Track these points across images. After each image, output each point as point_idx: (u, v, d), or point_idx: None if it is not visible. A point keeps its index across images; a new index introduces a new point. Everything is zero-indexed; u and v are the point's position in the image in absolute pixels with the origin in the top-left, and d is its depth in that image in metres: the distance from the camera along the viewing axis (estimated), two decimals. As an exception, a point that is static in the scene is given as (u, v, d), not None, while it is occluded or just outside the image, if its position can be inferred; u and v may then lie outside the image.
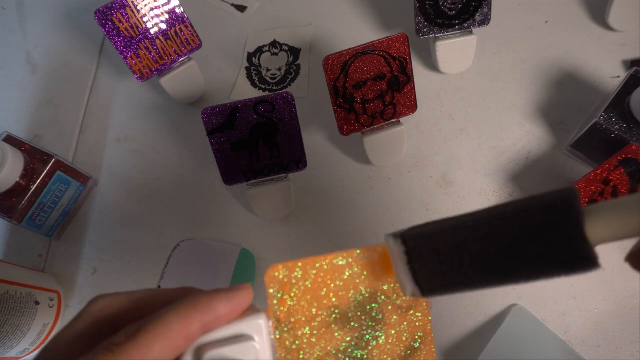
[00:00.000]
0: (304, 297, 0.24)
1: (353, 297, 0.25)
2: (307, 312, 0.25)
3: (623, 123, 0.43)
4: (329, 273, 0.25)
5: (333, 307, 0.25)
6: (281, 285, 0.24)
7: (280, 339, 0.24)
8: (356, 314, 0.25)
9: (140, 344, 0.20)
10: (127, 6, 0.48)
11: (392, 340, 0.26)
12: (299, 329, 0.24)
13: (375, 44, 0.44)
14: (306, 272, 0.25)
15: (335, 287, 0.25)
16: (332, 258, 0.25)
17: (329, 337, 0.25)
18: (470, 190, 0.49)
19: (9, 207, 0.45)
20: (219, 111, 0.43)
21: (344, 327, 0.25)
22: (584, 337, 0.42)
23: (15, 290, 0.41)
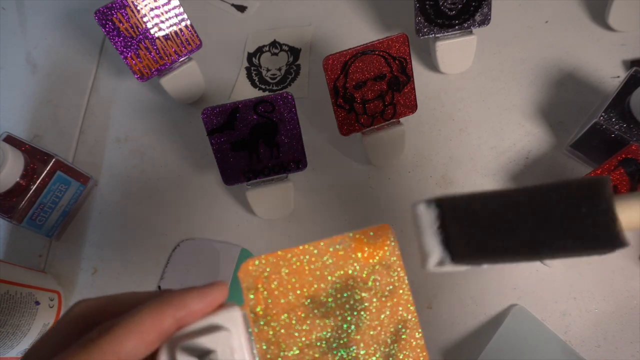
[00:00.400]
0: (279, 289, 0.25)
1: (329, 287, 0.25)
2: (284, 304, 0.25)
3: (623, 123, 0.43)
4: (302, 264, 0.25)
5: (310, 297, 0.25)
6: (255, 278, 0.25)
7: (259, 332, 0.24)
8: (334, 303, 0.25)
9: (113, 338, 0.20)
10: (127, 6, 0.48)
11: (375, 327, 0.26)
12: (277, 321, 0.25)
13: (375, 44, 0.44)
14: (280, 265, 0.25)
15: (310, 278, 0.25)
16: (304, 249, 0.25)
17: (309, 327, 0.25)
18: (470, 190, 0.49)
19: (9, 207, 0.45)
20: (219, 111, 0.43)
21: (323, 317, 0.25)
22: (584, 337, 0.42)
23: (15, 290, 0.41)
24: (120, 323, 0.21)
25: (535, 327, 0.42)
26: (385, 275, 0.26)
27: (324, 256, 0.25)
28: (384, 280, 0.26)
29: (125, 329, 0.21)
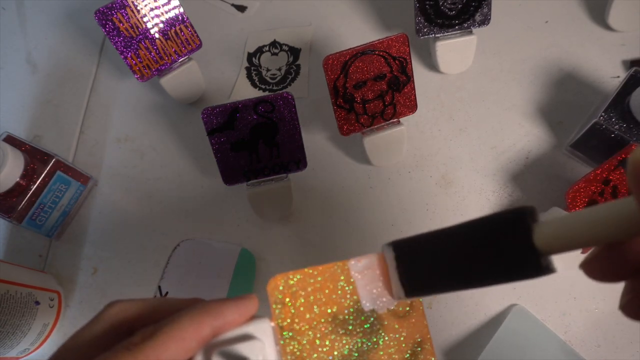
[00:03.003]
0: (304, 305, 0.26)
1: (349, 305, 0.26)
2: (308, 320, 0.26)
3: (623, 123, 0.43)
4: (327, 282, 0.26)
5: (333, 314, 0.26)
6: (282, 294, 0.26)
7: (284, 345, 0.25)
8: (354, 321, 0.26)
9: (156, 344, 0.21)
10: (127, 6, 0.48)
11: (392, 346, 0.27)
12: (301, 336, 0.25)
13: (375, 44, 0.44)
14: (305, 282, 0.26)
15: (334, 296, 0.26)
16: (329, 267, 0.26)
17: (331, 343, 0.26)
18: (470, 190, 0.49)
19: (9, 207, 0.45)
20: (219, 111, 0.43)
21: (344, 333, 0.26)
22: (584, 337, 0.42)
23: (15, 290, 0.41)
24: (163, 329, 0.22)
25: (535, 327, 0.42)
26: None
27: (347, 275, 0.27)
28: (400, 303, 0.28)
29: (167, 335, 0.22)
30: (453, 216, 0.48)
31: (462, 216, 0.48)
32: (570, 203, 0.41)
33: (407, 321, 0.27)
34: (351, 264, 0.27)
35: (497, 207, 0.48)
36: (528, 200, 0.48)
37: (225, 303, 0.24)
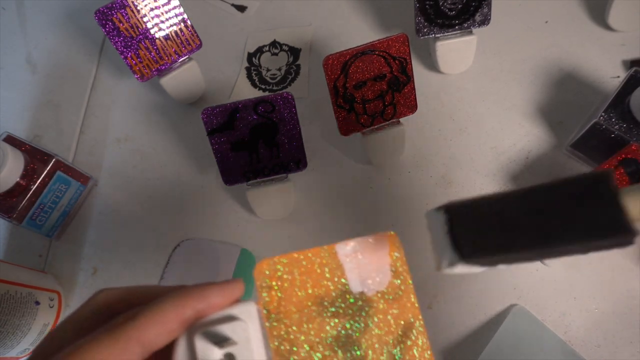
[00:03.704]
0: (291, 288, 0.26)
1: (337, 288, 0.27)
2: (295, 303, 0.26)
3: (623, 123, 0.43)
4: (314, 266, 0.26)
5: (320, 297, 0.26)
6: (269, 278, 0.26)
7: (271, 328, 0.25)
8: (344, 303, 0.26)
9: (137, 324, 0.21)
10: (127, 6, 0.48)
11: (382, 327, 0.27)
12: (288, 319, 0.26)
13: (375, 44, 0.44)
14: (292, 266, 0.26)
15: (321, 279, 0.26)
16: (316, 251, 0.26)
17: (319, 325, 0.26)
18: (470, 190, 0.49)
19: (9, 207, 0.45)
20: (219, 111, 0.43)
21: (332, 316, 0.26)
22: (584, 337, 0.42)
23: (15, 290, 0.41)
24: (145, 312, 0.22)
25: (535, 327, 0.42)
26: (392, 280, 0.27)
27: (335, 259, 0.27)
28: (390, 285, 0.27)
29: (149, 317, 0.22)
30: (453, 216, 0.48)
31: (462, 216, 0.48)
32: (570, 203, 0.41)
33: (397, 303, 0.27)
34: (339, 247, 0.27)
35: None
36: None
37: (209, 286, 0.24)
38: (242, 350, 0.23)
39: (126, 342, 0.21)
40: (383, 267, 0.27)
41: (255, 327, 0.24)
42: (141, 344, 0.21)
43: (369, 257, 0.27)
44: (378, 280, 0.27)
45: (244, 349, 0.23)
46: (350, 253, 0.27)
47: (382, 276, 0.27)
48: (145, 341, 0.22)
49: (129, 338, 0.21)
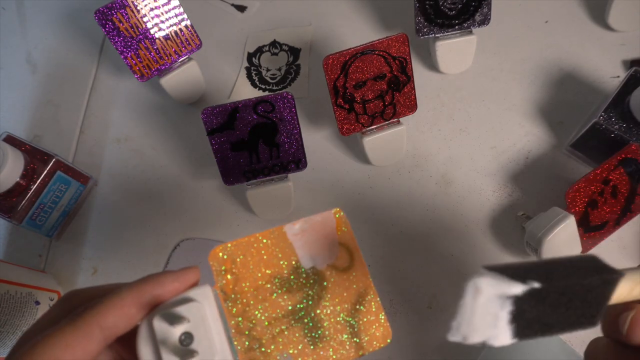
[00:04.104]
0: (245, 270, 0.28)
1: (289, 265, 0.28)
2: (250, 283, 0.28)
3: (623, 123, 0.43)
4: (266, 246, 0.28)
5: (274, 276, 0.28)
6: (223, 261, 0.28)
7: (229, 308, 0.27)
8: (296, 279, 0.28)
9: (96, 312, 0.23)
10: (127, 6, 0.48)
11: (334, 299, 0.29)
12: (245, 298, 0.28)
13: (375, 44, 0.44)
14: (244, 249, 0.28)
15: (273, 259, 0.28)
16: (266, 234, 0.28)
17: (275, 302, 0.28)
18: (470, 190, 0.49)
19: (9, 207, 0.45)
20: (219, 111, 0.43)
21: (287, 292, 0.28)
22: (584, 337, 0.42)
23: (15, 290, 0.41)
24: (103, 299, 0.23)
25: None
26: (341, 253, 0.29)
27: (284, 239, 0.29)
28: (340, 257, 0.29)
29: (107, 304, 0.23)
30: (452, 216, 0.48)
31: (461, 216, 0.48)
32: (570, 203, 0.41)
33: (347, 274, 0.29)
34: (287, 227, 0.29)
35: (497, 207, 0.48)
36: (527, 200, 0.48)
37: (165, 273, 0.25)
38: (199, 329, 0.24)
39: (87, 327, 0.22)
40: (331, 242, 0.29)
41: (212, 307, 0.25)
42: (101, 328, 0.23)
43: (317, 234, 0.29)
44: (327, 254, 0.29)
45: (200, 327, 0.24)
46: (298, 232, 0.29)
47: (331, 251, 0.29)
48: (106, 326, 0.23)
49: (89, 323, 0.23)
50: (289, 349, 0.27)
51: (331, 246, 0.29)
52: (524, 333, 0.24)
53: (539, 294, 0.23)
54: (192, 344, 0.24)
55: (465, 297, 0.24)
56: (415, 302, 0.45)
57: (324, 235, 0.29)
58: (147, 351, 0.24)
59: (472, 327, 0.24)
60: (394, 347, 0.43)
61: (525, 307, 0.24)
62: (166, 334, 0.24)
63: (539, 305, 0.24)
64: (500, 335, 0.24)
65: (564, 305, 0.23)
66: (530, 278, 0.23)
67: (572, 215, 0.41)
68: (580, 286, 0.23)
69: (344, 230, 0.29)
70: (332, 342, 0.28)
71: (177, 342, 0.24)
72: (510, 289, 0.23)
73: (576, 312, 0.24)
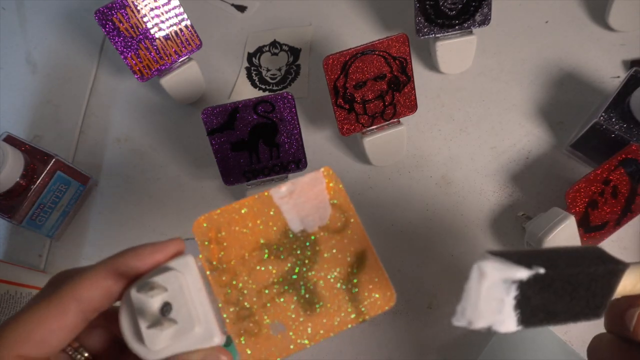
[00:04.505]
0: (231, 238, 0.26)
1: (278, 230, 0.27)
2: (237, 251, 0.26)
3: (623, 123, 0.43)
4: (251, 213, 0.27)
5: (262, 242, 0.27)
6: (207, 230, 0.26)
7: (217, 278, 0.26)
8: (286, 245, 0.27)
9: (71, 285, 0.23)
10: (127, 6, 0.48)
11: (330, 260, 0.27)
12: (233, 267, 0.26)
13: (375, 44, 0.44)
14: (229, 216, 0.26)
15: (260, 225, 0.27)
16: (251, 199, 0.27)
17: (265, 269, 0.26)
18: (470, 190, 0.49)
19: (9, 207, 0.45)
20: (219, 111, 0.43)
21: (277, 258, 0.26)
22: (584, 337, 0.42)
23: (15, 290, 0.41)
24: (80, 273, 0.23)
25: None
26: (334, 213, 0.27)
27: (271, 203, 0.27)
28: (332, 218, 0.27)
29: (81, 277, 0.23)
30: (453, 216, 0.48)
31: (462, 216, 0.48)
32: (570, 203, 0.41)
33: (342, 234, 0.27)
34: (273, 191, 0.27)
35: (497, 207, 0.48)
36: (528, 200, 0.48)
37: (144, 245, 0.25)
38: (177, 298, 0.23)
39: (61, 301, 0.22)
40: (322, 202, 0.27)
41: (194, 277, 0.24)
42: (77, 302, 0.22)
43: (306, 196, 0.27)
44: (318, 215, 0.27)
45: (178, 297, 0.23)
46: (285, 195, 0.27)
47: (323, 211, 0.27)
48: (81, 299, 0.23)
49: (63, 297, 0.22)
50: (282, 317, 0.26)
51: (322, 207, 0.27)
52: (529, 321, 0.24)
53: (544, 281, 0.23)
54: (171, 314, 0.23)
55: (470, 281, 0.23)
56: (415, 302, 0.45)
57: (313, 196, 0.27)
58: (127, 322, 0.23)
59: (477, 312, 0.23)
60: (394, 347, 0.43)
61: (530, 294, 0.23)
62: (144, 305, 0.23)
63: (543, 292, 0.23)
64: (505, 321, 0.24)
65: (569, 293, 0.23)
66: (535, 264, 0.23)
67: (572, 215, 0.41)
68: (586, 275, 0.23)
69: (335, 189, 0.28)
70: (329, 308, 0.26)
71: (156, 312, 0.23)
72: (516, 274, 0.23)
73: (580, 302, 0.23)
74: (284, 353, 0.25)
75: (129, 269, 0.24)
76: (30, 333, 0.22)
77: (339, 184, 0.28)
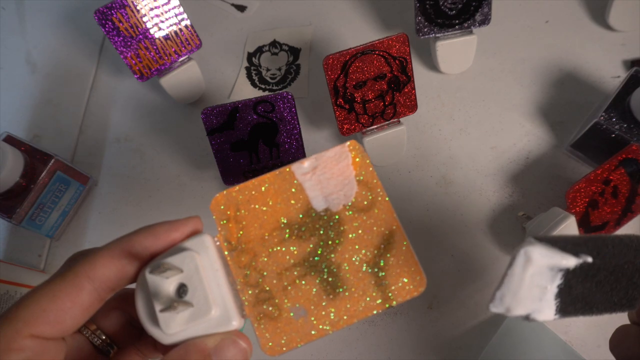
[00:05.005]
0: (251, 216, 0.25)
1: (300, 208, 0.25)
2: (257, 229, 0.25)
3: (623, 123, 0.43)
4: (272, 189, 0.25)
5: (283, 221, 0.25)
6: (226, 207, 0.25)
7: (236, 259, 0.25)
8: (309, 223, 0.25)
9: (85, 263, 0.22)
10: (127, 6, 0.48)
11: (356, 241, 0.25)
12: (252, 247, 0.25)
13: (375, 44, 0.44)
14: (249, 193, 0.25)
15: (280, 203, 0.25)
16: (272, 175, 0.25)
17: (286, 250, 0.25)
18: (470, 190, 0.49)
19: (8, 207, 0.45)
20: (219, 111, 0.43)
21: (298, 237, 0.25)
22: (584, 337, 0.42)
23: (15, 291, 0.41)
24: (94, 251, 0.23)
25: (535, 327, 0.42)
26: (360, 191, 0.26)
27: (293, 179, 0.25)
28: (358, 195, 0.25)
29: (97, 255, 0.22)
30: (453, 216, 0.48)
31: (462, 216, 0.48)
32: (570, 203, 0.41)
33: (369, 213, 0.25)
34: (295, 166, 0.25)
35: (497, 207, 0.48)
36: (528, 200, 0.48)
37: (159, 223, 0.24)
38: (192, 279, 0.23)
39: (75, 278, 0.22)
40: (347, 179, 0.26)
41: (211, 258, 0.23)
42: (91, 280, 0.22)
43: (330, 172, 0.25)
44: (343, 193, 0.25)
45: (194, 278, 0.23)
46: (308, 171, 0.25)
47: (348, 188, 0.25)
48: (95, 277, 0.22)
49: (78, 274, 0.22)
50: (303, 301, 0.24)
51: (347, 183, 0.25)
52: (566, 310, 0.23)
53: (590, 270, 0.22)
54: (187, 296, 0.22)
55: (514, 267, 0.22)
56: (415, 302, 0.45)
57: (337, 172, 0.25)
58: (142, 304, 0.23)
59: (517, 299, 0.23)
60: (394, 347, 0.43)
61: (574, 283, 0.22)
62: (159, 286, 0.22)
63: (586, 281, 0.22)
64: (544, 309, 0.23)
65: (610, 284, 0.23)
66: (582, 252, 0.22)
67: (572, 215, 0.41)
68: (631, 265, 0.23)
69: (361, 164, 0.26)
70: (353, 293, 0.24)
71: (171, 294, 0.22)
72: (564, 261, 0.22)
73: (619, 293, 0.23)
74: (305, 339, 0.24)
75: (143, 248, 0.23)
76: (44, 311, 0.21)
77: (366, 158, 0.26)
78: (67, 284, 0.22)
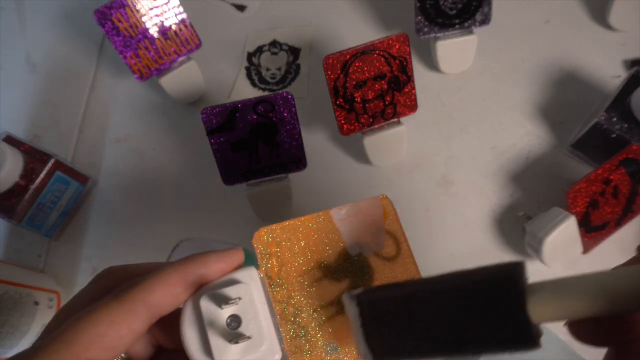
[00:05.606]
0: (290, 254, 0.27)
1: (336, 252, 0.27)
2: (296, 268, 0.27)
3: (624, 123, 0.43)
4: (311, 231, 0.27)
5: (320, 261, 0.27)
6: (268, 245, 0.27)
7: (274, 293, 0.26)
8: (342, 266, 0.27)
9: (142, 289, 0.22)
10: (127, 6, 0.48)
11: None
12: (290, 284, 0.27)
13: (375, 44, 0.44)
14: (290, 233, 0.27)
15: (319, 244, 0.27)
16: (312, 217, 0.27)
17: (321, 288, 0.27)
18: (470, 190, 0.49)
19: (8, 207, 0.45)
20: (219, 111, 0.43)
21: (333, 278, 0.27)
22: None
23: (14, 291, 0.41)
24: (149, 276, 0.22)
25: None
26: (389, 241, 0.28)
27: (330, 223, 0.28)
28: (387, 245, 0.28)
29: (153, 281, 0.22)
30: (453, 216, 0.48)
31: (462, 216, 0.48)
32: (571, 203, 0.41)
33: (395, 263, 0.28)
34: (334, 212, 0.28)
35: (498, 207, 0.48)
36: (528, 200, 0.47)
37: (209, 253, 0.24)
38: (246, 311, 0.23)
39: (132, 304, 0.21)
40: (378, 229, 0.28)
41: (258, 290, 0.24)
42: (147, 306, 0.22)
43: (364, 221, 0.28)
44: (374, 242, 0.28)
45: (248, 310, 0.23)
46: (345, 217, 0.28)
47: (378, 238, 0.28)
48: (151, 303, 0.22)
49: (135, 300, 0.21)
50: (336, 337, 0.26)
51: (378, 234, 0.28)
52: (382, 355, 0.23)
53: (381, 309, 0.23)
54: (240, 327, 0.23)
55: None
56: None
57: (371, 222, 0.28)
58: (193, 333, 0.23)
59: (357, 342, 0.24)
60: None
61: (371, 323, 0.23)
62: (213, 316, 0.23)
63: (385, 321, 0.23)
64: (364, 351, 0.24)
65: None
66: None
67: (573, 215, 0.40)
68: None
69: (390, 216, 0.28)
70: None
71: (224, 325, 0.23)
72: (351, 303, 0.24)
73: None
74: None
75: (197, 277, 0.23)
76: (102, 337, 0.21)
77: (394, 213, 0.29)
78: (124, 309, 0.21)
